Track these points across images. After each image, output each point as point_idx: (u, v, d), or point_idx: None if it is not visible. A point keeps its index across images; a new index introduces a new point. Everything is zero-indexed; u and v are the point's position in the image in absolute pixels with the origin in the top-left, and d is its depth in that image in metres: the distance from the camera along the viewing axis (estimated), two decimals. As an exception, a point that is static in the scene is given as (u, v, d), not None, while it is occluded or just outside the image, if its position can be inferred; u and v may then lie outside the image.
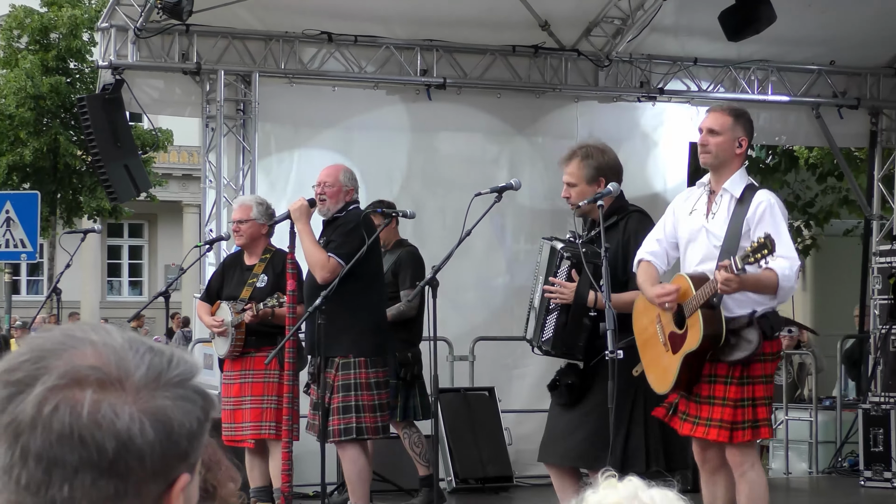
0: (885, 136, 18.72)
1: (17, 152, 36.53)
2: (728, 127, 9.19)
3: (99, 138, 15.67)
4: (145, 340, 2.10)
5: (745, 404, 9.03)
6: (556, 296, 9.56)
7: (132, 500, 2.02)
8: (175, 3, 14.40)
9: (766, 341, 9.03)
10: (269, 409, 12.07)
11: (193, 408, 2.07)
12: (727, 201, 9.08)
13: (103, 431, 1.98)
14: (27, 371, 2.02)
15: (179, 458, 2.06)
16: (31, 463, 1.99)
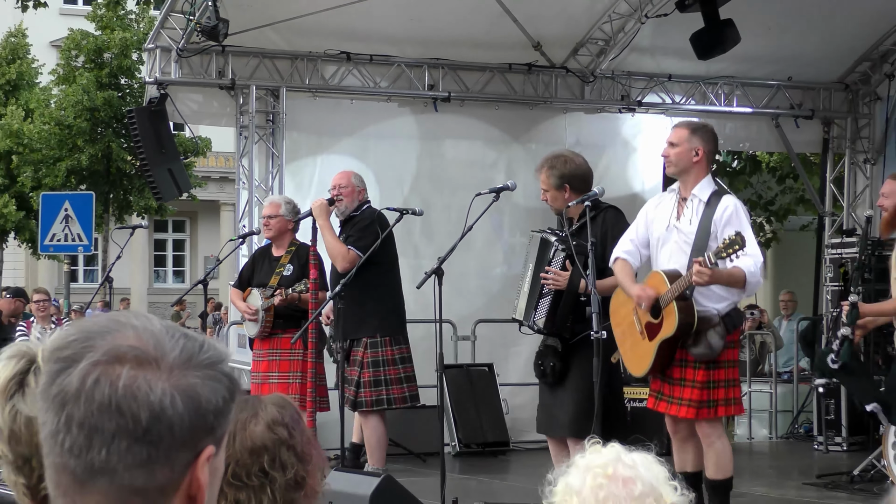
0: (836, 143, 18.70)
1: (74, 158, 36.54)
2: (685, 139, 9.26)
3: (146, 145, 15.68)
4: (180, 328, 2.10)
5: (711, 386, 9.07)
6: (552, 283, 9.66)
7: (162, 466, 2.01)
8: (212, 27, 14.40)
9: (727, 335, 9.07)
10: (294, 383, 12.09)
11: (220, 387, 2.07)
12: (696, 205, 9.11)
13: (138, 403, 1.98)
14: (74, 349, 2.02)
15: (206, 432, 2.05)
16: (75, 429, 1.99)
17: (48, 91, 39.44)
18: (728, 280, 8.80)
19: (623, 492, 3.25)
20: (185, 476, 2.05)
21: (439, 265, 9.88)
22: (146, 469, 2.00)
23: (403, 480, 9.08)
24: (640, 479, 3.28)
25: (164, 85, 15.58)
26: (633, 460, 3.36)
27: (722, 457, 9.18)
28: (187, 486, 2.05)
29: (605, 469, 3.30)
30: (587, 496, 3.26)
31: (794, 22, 16.49)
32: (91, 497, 2.02)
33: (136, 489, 2.01)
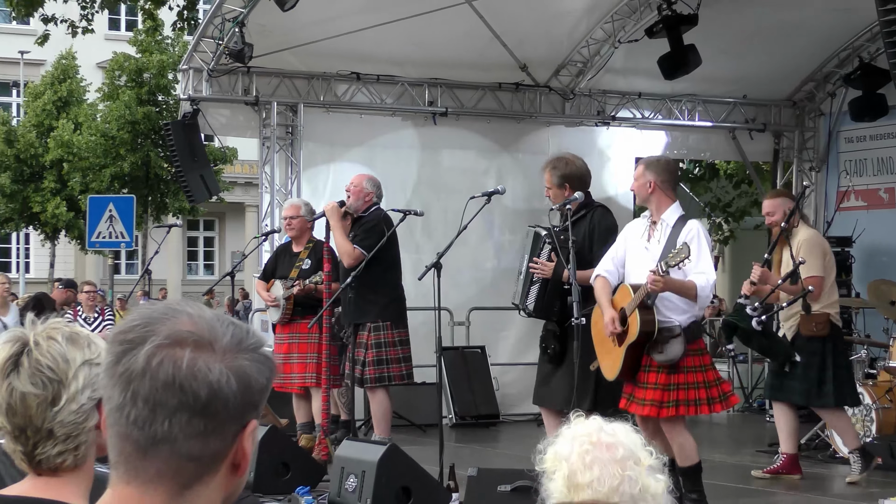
0: (786, 153, 18.70)
1: (117, 165, 36.56)
2: (641, 174, 9.38)
3: (181, 154, 15.69)
4: (227, 316, 2.14)
5: (671, 388, 9.04)
6: (539, 272, 9.70)
7: (216, 437, 2.05)
8: (239, 50, 14.40)
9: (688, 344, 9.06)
10: (311, 363, 12.14)
11: (264, 368, 2.10)
12: (664, 228, 9.15)
13: (199, 382, 2.01)
14: (138, 333, 2.05)
15: (252, 407, 2.09)
16: (140, 403, 2.02)
17: (95, 107, 39.43)
18: (680, 288, 8.83)
19: (607, 455, 3.27)
20: (233, 446, 2.08)
21: (438, 260, 9.89)
22: (202, 439, 2.03)
23: (406, 448, 9.10)
24: (621, 445, 3.31)
25: (197, 101, 15.59)
26: (614, 429, 3.39)
27: (685, 448, 9.17)
28: (234, 455, 2.09)
29: (590, 437, 3.32)
30: (575, 461, 3.28)
31: (749, 48, 16.50)
32: (151, 463, 2.04)
33: (193, 456, 2.04)
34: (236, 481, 2.13)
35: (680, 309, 8.98)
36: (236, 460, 2.09)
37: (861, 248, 16.58)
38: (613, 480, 3.25)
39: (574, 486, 3.27)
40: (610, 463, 3.26)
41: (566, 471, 3.29)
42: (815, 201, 18.26)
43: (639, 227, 9.42)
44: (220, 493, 2.11)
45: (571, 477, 3.27)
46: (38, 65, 43.81)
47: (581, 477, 3.26)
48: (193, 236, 53.27)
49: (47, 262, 42.26)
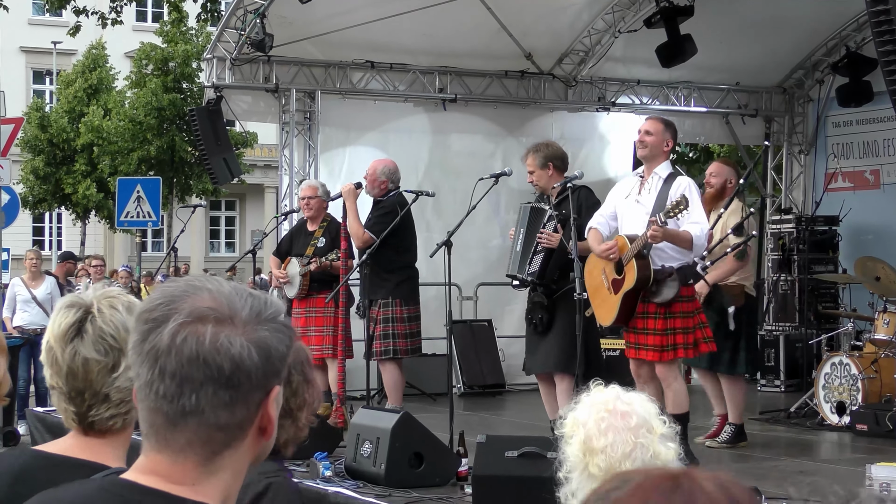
0: (776, 137, 18.67)
1: (145, 149, 36.59)
2: (660, 131, 9.33)
3: (205, 139, 15.71)
4: (246, 288, 2.13)
5: (668, 333, 9.11)
6: (546, 242, 9.77)
7: (241, 406, 2.05)
8: (260, 40, 14.40)
9: (682, 287, 9.10)
10: (327, 335, 12.12)
11: (284, 337, 2.10)
12: (655, 181, 9.19)
13: (222, 356, 2.01)
14: (161, 311, 2.05)
15: (274, 374, 2.09)
16: (168, 379, 2.02)
17: (123, 94, 39.45)
18: (676, 238, 8.88)
19: (621, 423, 3.28)
20: (259, 412, 2.08)
21: (448, 238, 9.88)
22: (229, 409, 2.04)
23: (417, 416, 9.09)
24: (635, 414, 3.32)
25: (220, 88, 15.61)
26: (630, 398, 3.40)
27: (679, 395, 9.22)
28: (259, 420, 2.09)
29: (607, 405, 3.33)
30: (591, 427, 3.29)
31: (742, 37, 16.45)
32: (181, 434, 2.04)
33: (220, 426, 2.04)
34: (264, 444, 2.13)
35: (671, 257, 9.06)
36: (262, 424, 2.09)
37: (847, 227, 16.55)
38: (626, 447, 3.26)
39: (589, 451, 3.28)
40: (624, 430, 3.27)
41: (582, 435, 3.30)
42: (804, 183, 18.25)
43: (627, 184, 9.50)
44: (248, 457, 2.11)
45: (587, 441, 3.28)
46: (70, 54, 43.79)
47: (596, 442, 3.26)
48: (216, 216, 53.29)
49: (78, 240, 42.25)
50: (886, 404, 11.77)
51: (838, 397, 12.30)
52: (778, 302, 16.75)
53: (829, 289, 16.11)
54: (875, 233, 16.58)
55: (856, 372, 12.18)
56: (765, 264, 17.93)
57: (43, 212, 44.14)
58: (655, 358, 9.13)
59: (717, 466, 9.69)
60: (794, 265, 16.45)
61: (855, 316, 14.04)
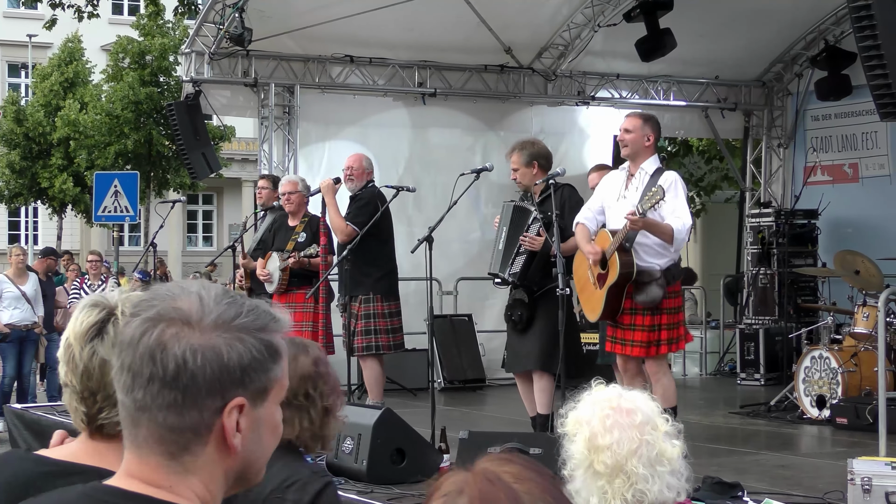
0: (755, 131, 18.77)
1: (121, 143, 36.42)
2: (639, 127, 9.32)
3: (184, 133, 15.68)
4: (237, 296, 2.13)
5: (655, 329, 9.12)
6: (529, 245, 9.78)
7: (190, 409, 2.05)
8: (239, 35, 14.38)
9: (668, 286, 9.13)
10: (306, 331, 12.07)
11: (247, 349, 2.07)
12: (642, 177, 9.19)
13: (166, 354, 2.03)
14: (140, 308, 2.09)
15: (234, 384, 2.06)
16: (125, 372, 2.07)
17: (99, 87, 39.28)
18: (656, 229, 8.88)
19: (626, 420, 3.30)
20: (216, 421, 2.06)
21: (430, 233, 9.87)
22: (176, 411, 2.04)
23: (398, 411, 9.09)
24: (639, 411, 3.34)
25: (199, 83, 15.58)
26: (633, 396, 3.42)
27: (668, 389, 9.25)
28: (219, 431, 2.07)
29: (611, 402, 3.36)
30: (596, 424, 3.31)
31: (721, 31, 16.50)
32: (139, 430, 2.08)
33: (170, 427, 2.05)
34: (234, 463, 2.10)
35: (658, 253, 9.07)
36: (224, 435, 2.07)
37: (826, 221, 16.64)
38: (632, 444, 3.28)
39: (594, 448, 3.29)
40: (629, 427, 3.29)
41: (587, 433, 3.31)
42: (783, 176, 18.32)
43: (615, 179, 9.49)
44: (218, 469, 2.10)
45: (592, 439, 3.30)
46: (46, 48, 43.59)
47: (601, 439, 3.28)
48: (193, 210, 53.13)
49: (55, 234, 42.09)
50: (866, 398, 11.82)
51: (818, 391, 12.36)
52: (757, 295, 16.85)
53: (808, 282, 16.21)
54: (854, 226, 16.66)
55: (836, 365, 12.23)
56: (744, 258, 18.02)
57: (19, 206, 43.94)
58: (643, 354, 9.17)
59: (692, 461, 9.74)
60: (773, 259, 16.55)
61: (834, 309, 14.11)
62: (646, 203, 8.67)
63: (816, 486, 8.36)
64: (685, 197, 9.24)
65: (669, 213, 8.89)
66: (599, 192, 9.54)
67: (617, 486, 3.27)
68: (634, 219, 8.72)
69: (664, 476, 3.29)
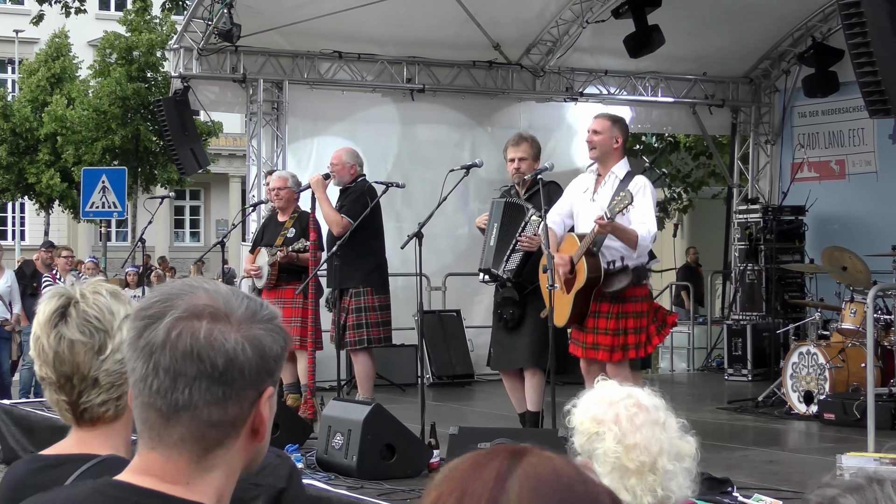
0: (743, 127, 18.80)
1: (109, 138, 36.35)
2: (607, 128, 9.34)
3: (172, 129, 15.68)
4: (243, 291, 2.15)
5: (620, 333, 9.10)
6: (527, 245, 9.76)
7: (234, 403, 2.06)
8: (227, 31, 14.37)
9: (636, 287, 9.11)
10: (295, 326, 12.06)
11: (278, 338, 2.10)
12: (612, 181, 9.19)
13: (216, 351, 2.02)
14: (158, 308, 2.06)
15: (268, 374, 2.10)
16: (161, 374, 2.03)
17: (87, 83, 39.19)
18: (623, 234, 8.87)
19: (652, 417, 3.34)
20: (251, 412, 2.08)
21: (419, 229, 9.86)
22: (221, 406, 2.04)
23: (387, 406, 9.12)
24: (656, 408, 3.37)
25: (187, 79, 15.58)
26: (641, 394, 3.45)
27: None
28: (252, 420, 2.09)
29: (632, 400, 3.38)
30: (625, 424, 3.33)
31: (709, 28, 16.53)
32: (174, 430, 2.05)
33: (213, 423, 2.05)
34: (257, 446, 2.13)
35: (623, 256, 9.06)
36: (255, 425, 2.10)
37: (813, 217, 16.68)
38: (661, 442, 3.31)
39: (627, 447, 3.31)
40: (655, 425, 3.32)
41: (617, 432, 3.33)
42: (771, 173, 18.35)
43: (583, 182, 9.49)
44: (241, 458, 2.12)
45: (623, 439, 3.32)
46: (33, 43, 43.48)
47: (632, 438, 3.31)
48: (180, 205, 53.05)
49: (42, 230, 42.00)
50: (854, 393, 11.86)
51: (806, 386, 12.39)
52: (745, 291, 16.89)
53: (795, 278, 16.25)
54: (841, 223, 16.71)
55: (823, 361, 12.27)
56: (732, 254, 18.05)
57: (6, 202, 43.88)
58: (606, 358, 9.14)
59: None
60: (760, 255, 16.58)
61: (822, 305, 14.14)
62: (614, 208, 8.66)
63: (805, 482, 8.36)
64: (653, 203, 9.22)
65: (636, 219, 8.90)
66: (568, 195, 9.53)
67: (649, 483, 3.30)
68: (603, 223, 8.71)
69: (687, 472, 3.34)
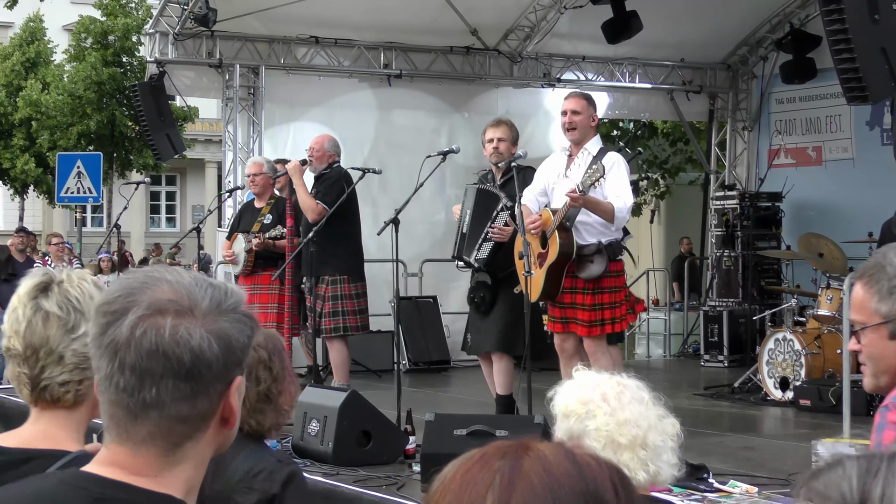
0: (720, 113, 18.83)
1: (84, 123, 36.20)
2: (585, 107, 9.38)
3: (148, 114, 15.63)
4: (206, 277, 2.12)
5: (596, 308, 9.13)
6: (498, 237, 9.77)
7: (202, 398, 2.04)
8: (203, 15, 14.34)
9: (610, 262, 9.14)
10: (272, 312, 12.10)
11: (245, 327, 2.09)
12: (585, 157, 9.21)
13: (181, 347, 2.00)
14: (120, 304, 2.03)
15: (236, 364, 2.08)
16: (128, 372, 2.01)
17: (62, 67, 39.01)
18: (597, 207, 8.89)
19: (638, 395, 3.36)
20: (220, 403, 2.07)
21: (396, 216, 9.83)
22: (189, 402, 2.03)
23: (363, 393, 9.11)
24: (642, 388, 3.40)
25: (163, 64, 15.54)
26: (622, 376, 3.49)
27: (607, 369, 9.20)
28: (222, 410, 2.08)
29: (615, 380, 3.41)
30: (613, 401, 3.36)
31: (687, 14, 16.54)
32: (143, 426, 2.04)
33: (182, 418, 2.04)
34: (226, 433, 2.12)
35: (599, 231, 9.09)
36: (224, 415, 2.08)
37: (790, 204, 16.73)
38: (650, 419, 3.33)
39: (618, 423, 3.33)
40: (641, 403, 3.35)
41: (607, 408, 3.36)
42: (748, 159, 18.39)
43: (555, 161, 9.50)
44: (211, 447, 2.11)
45: (614, 413, 3.34)
46: (7, 27, 43.33)
47: (622, 414, 3.33)
48: (156, 191, 52.89)
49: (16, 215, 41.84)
50: (829, 379, 11.90)
51: (782, 373, 12.43)
52: (721, 278, 16.92)
53: (772, 265, 16.28)
54: (817, 209, 16.76)
55: (799, 347, 12.30)
56: (708, 240, 18.09)
57: (-20, 187, 43.74)
58: (584, 333, 9.18)
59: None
60: (737, 241, 16.61)
61: (798, 292, 14.18)
62: (587, 181, 8.68)
63: (781, 468, 8.41)
64: (627, 177, 9.23)
65: (611, 192, 8.92)
66: (541, 174, 9.55)
67: (640, 458, 3.33)
68: (575, 196, 8.73)
69: (675, 450, 3.37)
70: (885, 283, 3.42)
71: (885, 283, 3.42)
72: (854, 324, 3.55)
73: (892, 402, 3.41)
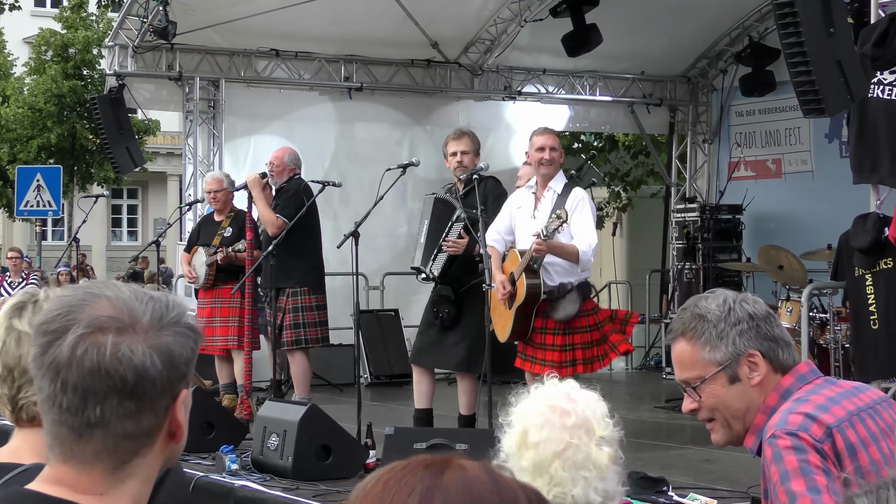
0: (680, 126, 18.86)
1: (44, 136, 36.08)
2: (559, 144, 9.40)
3: (107, 127, 15.56)
4: (147, 291, 2.09)
5: (567, 349, 9.12)
6: (452, 250, 9.75)
7: (147, 414, 2.01)
8: (163, 28, 14.29)
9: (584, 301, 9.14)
10: (233, 326, 12.08)
11: (187, 340, 2.06)
12: (552, 196, 9.19)
13: (124, 366, 1.97)
14: (60, 323, 2.00)
15: (180, 379, 2.05)
16: (70, 392, 1.98)
17: (22, 80, 38.87)
18: (562, 251, 8.89)
19: (559, 421, 3.26)
20: (166, 418, 2.05)
21: (356, 229, 9.81)
22: (135, 419, 2.00)
23: (324, 407, 9.09)
24: (575, 413, 3.29)
25: (122, 76, 15.48)
26: (578, 396, 3.37)
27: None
28: (168, 425, 2.06)
29: (549, 400, 3.32)
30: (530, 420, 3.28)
31: (647, 27, 16.59)
32: (88, 446, 2.01)
33: (127, 435, 2.01)
34: (174, 447, 2.10)
35: (567, 272, 9.07)
36: (171, 430, 2.06)
37: (750, 216, 16.77)
38: (558, 446, 3.22)
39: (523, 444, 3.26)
40: (560, 429, 3.25)
41: (521, 428, 3.28)
42: (708, 171, 18.44)
43: (522, 197, 9.47)
44: (157, 462, 2.09)
45: (524, 435, 3.27)
46: (-34, 40, 43.10)
47: (532, 436, 3.25)
48: (118, 204, 52.73)
49: (-24, 229, 41.69)
50: (789, 392, 11.91)
51: (742, 385, 12.43)
52: (682, 290, 16.94)
53: (732, 277, 16.32)
54: (777, 221, 16.82)
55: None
56: (669, 253, 18.13)
57: (-60, 200, 43.44)
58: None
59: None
60: (698, 253, 16.65)
61: (758, 304, 14.18)
62: (550, 226, 8.67)
63: (741, 481, 8.42)
64: (592, 215, 9.24)
65: (576, 233, 8.92)
66: (507, 211, 9.51)
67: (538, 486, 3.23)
68: (539, 245, 8.73)
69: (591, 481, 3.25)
70: (710, 331, 3.50)
71: (711, 332, 3.50)
72: (687, 383, 3.59)
73: (776, 430, 3.40)
